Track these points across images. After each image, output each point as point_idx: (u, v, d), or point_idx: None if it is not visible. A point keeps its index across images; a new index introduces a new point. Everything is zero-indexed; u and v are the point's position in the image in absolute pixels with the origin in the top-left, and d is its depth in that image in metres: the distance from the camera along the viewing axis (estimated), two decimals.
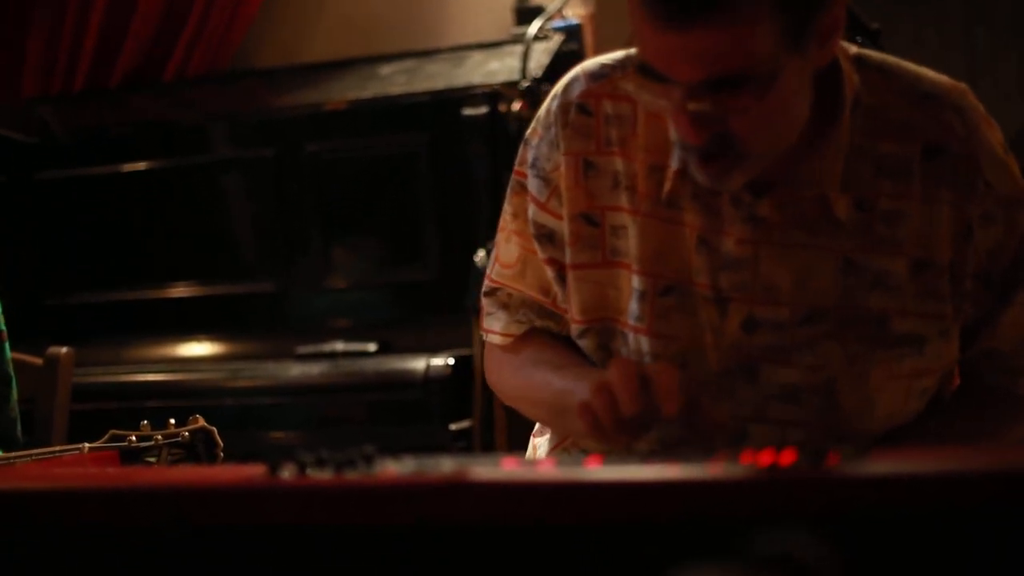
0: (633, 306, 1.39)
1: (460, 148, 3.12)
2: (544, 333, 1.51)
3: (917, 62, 1.46)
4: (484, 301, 1.55)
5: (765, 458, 0.95)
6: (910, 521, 0.86)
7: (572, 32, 3.24)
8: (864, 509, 0.87)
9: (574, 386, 1.36)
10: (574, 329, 1.45)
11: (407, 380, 2.90)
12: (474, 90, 3.10)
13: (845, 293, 1.35)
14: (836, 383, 1.35)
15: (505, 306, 1.52)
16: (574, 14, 3.30)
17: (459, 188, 3.13)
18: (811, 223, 1.35)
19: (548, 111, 1.45)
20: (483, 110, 3.08)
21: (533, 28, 3.03)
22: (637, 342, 1.40)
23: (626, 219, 1.40)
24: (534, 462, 1.03)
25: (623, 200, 1.40)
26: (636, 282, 1.39)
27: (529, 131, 1.48)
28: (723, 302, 1.36)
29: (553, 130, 1.43)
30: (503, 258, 1.51)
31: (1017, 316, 1.41)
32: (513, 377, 1.54)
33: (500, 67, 3.19)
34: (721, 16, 1.19)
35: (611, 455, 1.12)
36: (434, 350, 2.92)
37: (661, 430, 1.30)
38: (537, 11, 3.25)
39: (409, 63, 3.37)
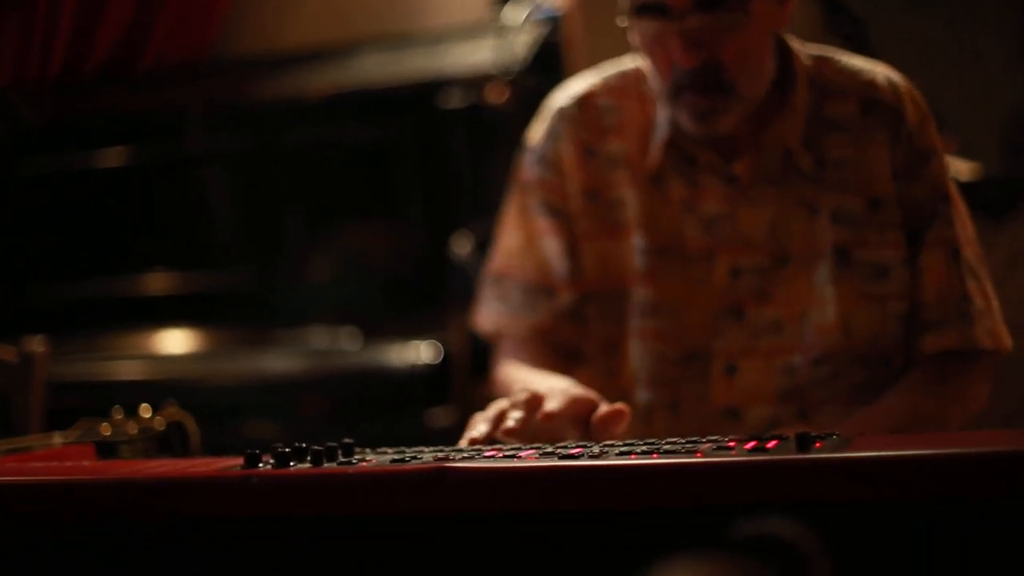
0: (638, 262, 1.63)
1: (441, 138, 3.10)
2: (537, 338, 1.68)
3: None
4: (485, 290, 1.73)
5: (749, 444, 0.96)
6: (893, 505, 0.85)
7: (553, 22, 3.22)
8: (847, 493, 0.86)
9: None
10: (581, 296, 1.65)
11: (389, 372, 2.88)
12: (455, 80, 3.08)
13: (811, 234, 1.57)
14: (810, 309, 1.56)
15: (503, 298, 1.71)
16: (555, 2, 3.27)
17: (441, 178, 3.11)
18: (778, 178, 1.59)
19: (547, 115, 1.72)
20: (464, 100, 3.06)
21: (516, 16, 3.02)
22: (641, 295, 1.62)
23: (625, 192, 1.65)
24: (515, 452, 1.02)
25: (621, 176, 1.65)
26: (638, 243, 1.63)
27: (528, 139, 1.74)
28: (711, 256, 1.61)
29: (556, 125, 1.70)
30: (505, 246, 1.73)
31: (933, 259, 1.55)
32: (499, 371, 1.71)
33: (481, 57, 3.16)
34: None
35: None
36: (416, 342, 2.91)
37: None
38: None
39: (389, 52, 3.35)
